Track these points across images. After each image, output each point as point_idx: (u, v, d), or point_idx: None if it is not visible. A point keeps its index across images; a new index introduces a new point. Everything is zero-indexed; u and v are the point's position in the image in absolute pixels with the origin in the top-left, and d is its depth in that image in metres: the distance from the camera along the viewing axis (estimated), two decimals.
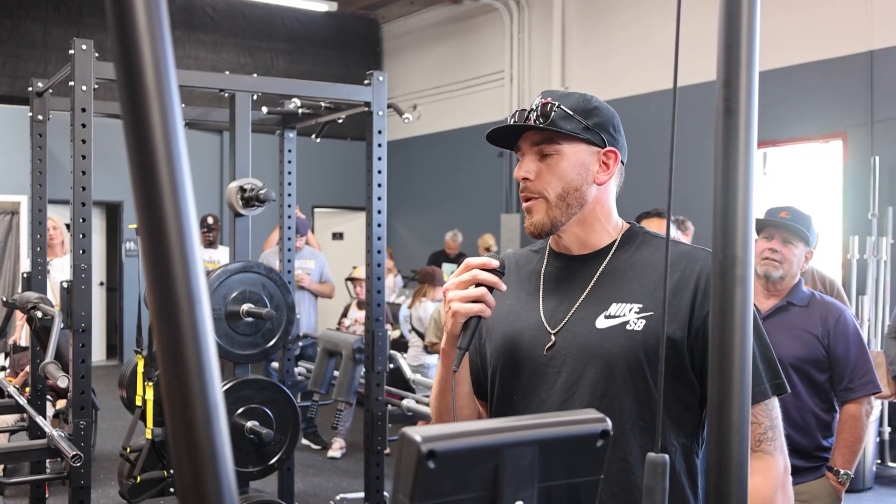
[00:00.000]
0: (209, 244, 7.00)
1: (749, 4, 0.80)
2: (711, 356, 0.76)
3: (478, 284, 1.34)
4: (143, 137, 0.51)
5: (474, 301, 1.33)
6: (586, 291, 1.41)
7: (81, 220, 2.81)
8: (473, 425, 0.63)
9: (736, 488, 0.76)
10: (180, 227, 0.51)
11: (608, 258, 1.43)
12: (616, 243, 1.44)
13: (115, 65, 0.51)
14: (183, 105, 4.09)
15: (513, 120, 1.41)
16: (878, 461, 5.26)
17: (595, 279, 1.42)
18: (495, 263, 1.35)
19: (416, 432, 0.60)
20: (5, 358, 5.69)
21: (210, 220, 6.90)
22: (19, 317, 5.04)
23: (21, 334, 5.48)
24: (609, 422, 0.69)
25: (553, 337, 1.40)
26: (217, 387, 0.51)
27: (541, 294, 1.45)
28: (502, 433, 0.63)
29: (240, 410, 3.31)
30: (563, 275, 1.45)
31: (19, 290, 7.05)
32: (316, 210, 10.78)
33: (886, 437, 5.32)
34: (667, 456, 0.78)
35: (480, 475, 0.62)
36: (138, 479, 3.11)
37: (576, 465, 0.67)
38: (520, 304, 1.46)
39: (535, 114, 1.40)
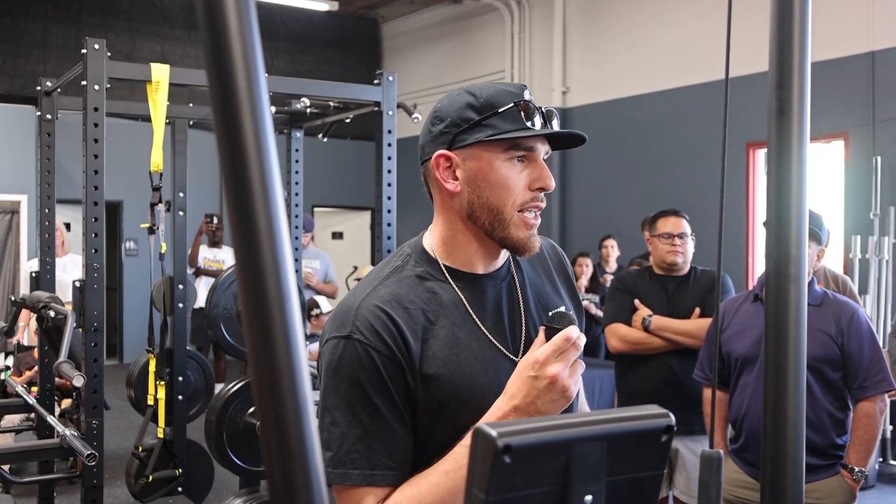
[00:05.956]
0: (214, 244, 7.02)
1: (801, 6, 0.81)
2: (766, 353, 0.77)
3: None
4: (235, 140, 0.52)
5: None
6: (523, 306, 1.29)
7: (94, 220, 2.80)
8: (544, 421, 0.64)
9: (792, 483, 0.77)
10: (271, 226, 0.52)
11: (511, 266, 1.31)
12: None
13: (207, 67, 0.52)
14: (191, 104, 4.05)
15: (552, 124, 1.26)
16: (881, 459, 5.28)
17: (520, 291, 1.30)
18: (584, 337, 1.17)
19: (492, 427, 0.61)
20: (6, 357, 5.68)
21: (216, 220, 6.93)
22: (22, 317, 5.03)
23: (23, 334, 5.48)
24: (673, 417, 0.70)
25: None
26: (306, 383, 0.52)
27: (479, 325, 1.23)
28: (573, 428, 0.64)
29: (251, 410, 3.32)
30: (485, 295, 1.26)
31: (21, 289, 7.00)
32: (316, 209, 10.78)
33: (889, 435, 5.34)
34: (721, 451, 0.79)
35: (552, 470, 0.63)
36: (150, 477, 3.12)
37: (641, 460, 0.68)
38: (466, 346, 1.21)
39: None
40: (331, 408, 1.15)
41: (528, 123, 1.19)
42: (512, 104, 1.19)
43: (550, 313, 1.17)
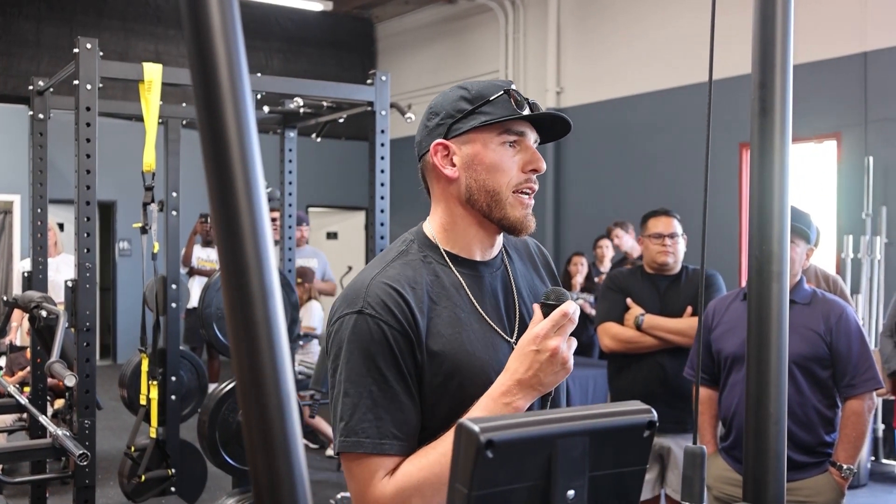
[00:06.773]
0: (207, 243, 7.01)
1: (783, 6, 0.81)
2: (749, 349, 0.78)
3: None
4: (218, 137, 0.52)
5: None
6: (517, 294, 1.37)
7: (86, 220, 2.80)
8: (527, 416, 0.65)
9: (773, 477, 0.78)
10: (254, 222, 0.52)
11: (504, 258, 1.39)
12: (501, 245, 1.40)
13: (191, 65, 0.52)
14: (184, 104, 4.04)
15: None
16: (873, 458, 5.31)
17: (513, 280, 1.38)
18: (578, 310, 1.21)
19: (474, 423, 0.61)
20: None
21: (210, 219, 6.93)
22: (14, 317, 5.02)
23: (16, 334, 5.46)
24: (655, 413, 0.70)
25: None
26: (290, 377, 0.53)
27: (478, 308, 1.30)
28: (556, 423, 0.64)
29: None
30: (483, 281, 1.33)
31: (14, 289, 7.00)
32: (310, 209, 10.77)
33: (880, 433, 5.37)
34: (705, 447, 0.80)
35: (534, 465, 0.63)
36: (143, 477, 3.11)
37: (623, 455, 0.68)
38: (468, 326, 1.28)
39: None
40: (343, 379, 1.21)
41: (518, 111, 1.29)
42: (502, 92, 1.29)
43: (545, 290, 1.25)
